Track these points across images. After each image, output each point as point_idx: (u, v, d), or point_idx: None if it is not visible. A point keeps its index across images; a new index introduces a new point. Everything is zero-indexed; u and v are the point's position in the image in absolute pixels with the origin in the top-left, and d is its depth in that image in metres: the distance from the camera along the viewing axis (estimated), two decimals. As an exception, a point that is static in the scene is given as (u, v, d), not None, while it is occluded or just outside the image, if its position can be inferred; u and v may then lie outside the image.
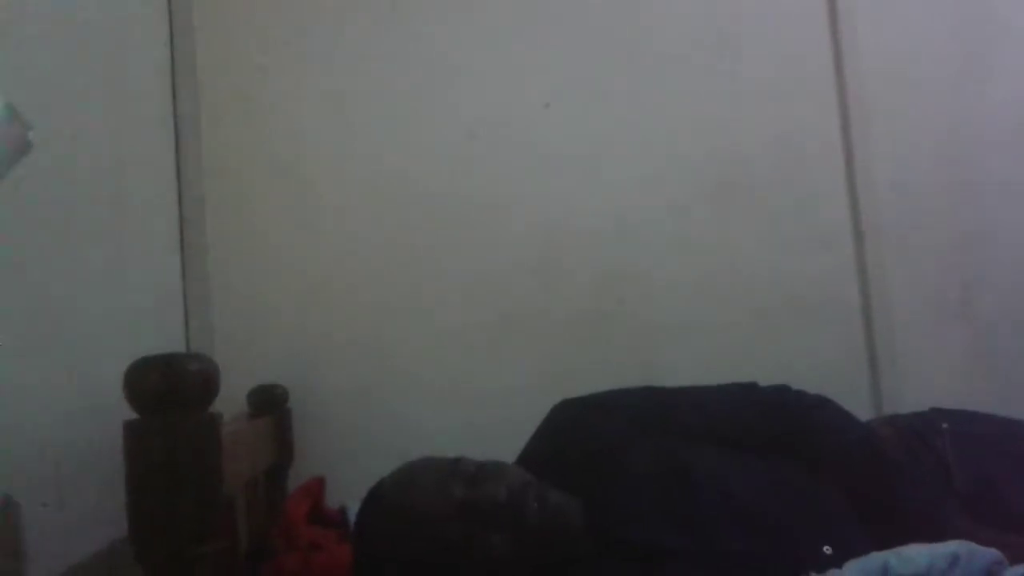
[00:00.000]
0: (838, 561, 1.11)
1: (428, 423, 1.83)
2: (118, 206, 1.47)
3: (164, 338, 1.67)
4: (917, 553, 1.08)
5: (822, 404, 1.42)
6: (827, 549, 1.17)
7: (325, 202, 1.90)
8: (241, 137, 1.89)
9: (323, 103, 1.92)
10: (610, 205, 1.94)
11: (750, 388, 1.46)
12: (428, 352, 1.88)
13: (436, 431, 1.80)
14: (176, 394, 0.81)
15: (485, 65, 1.95)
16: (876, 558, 1.08)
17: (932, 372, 1.93)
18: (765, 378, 1.48)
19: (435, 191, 1.91)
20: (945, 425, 1.43)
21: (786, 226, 1.97)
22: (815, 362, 1.87)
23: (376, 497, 1.24)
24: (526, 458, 1.37)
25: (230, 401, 1.28)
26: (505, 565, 1.16)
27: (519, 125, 1.94)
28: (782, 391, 1.44)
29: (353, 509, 1.31)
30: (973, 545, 1.09)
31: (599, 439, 1.34)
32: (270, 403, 1.71)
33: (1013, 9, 2.08)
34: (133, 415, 0.83)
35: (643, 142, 1.96)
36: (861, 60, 2.01)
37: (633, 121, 1.97)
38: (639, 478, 1.27)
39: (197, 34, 1.87)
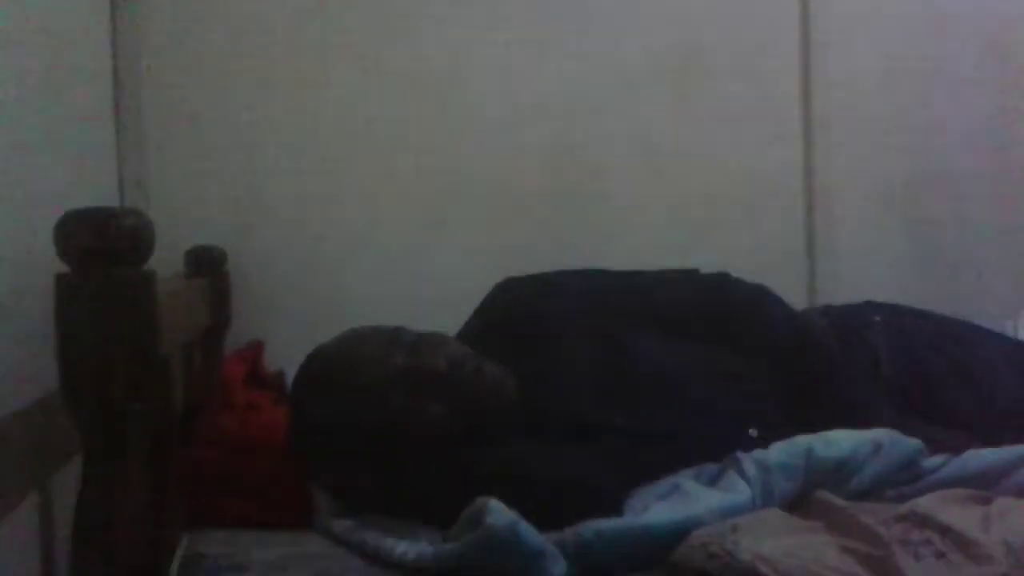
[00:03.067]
0: (764, 443, 1.15)
1: (369, 293, 1.82)
2: (50, 59, 1.39)
3: (96, 196, 1.61)
4: (842, 438, 1.12)
5: (760, 293, 1.45)
6: (753, 432, 1.21)
7: (270, 60, 1.82)
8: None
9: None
10: (566, 83, 1.91)
11: (691, 274, 1.48)
12: (372, 222, 1.86)
13: (377, 301, 1.78)
14: (109, 249, 0.78)
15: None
16: (801, 441, 1.12)
17: (870, 267, 1.98)
18: (707, 264, 1.50)
19: (387, 57, 1.86)
20: (878, 318, 1.46)
21: (738, 116, 1.97)
22: (756, 251, 1.89)
23: (315, 361, 1.24)
24: (467, 333, 1.38)
25: (166, 261, 1.25)
26: (440, 433, 1.18)
27: (479, 2, 1.88)
28: (722, 279, 1.46)
29: (291, 373, 1.31)
30: (897, 434, 1.14)
31: (540, 318, 1.35)
32: (208, 264, 1.68)
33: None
34: (65, 269, 0.80)
35: (603, 22, 1.92)
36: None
37: (590, 3, 1.91)
38: (576, 357, 1.29)
39: None
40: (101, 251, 0.78)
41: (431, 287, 1.83)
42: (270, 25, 1.83)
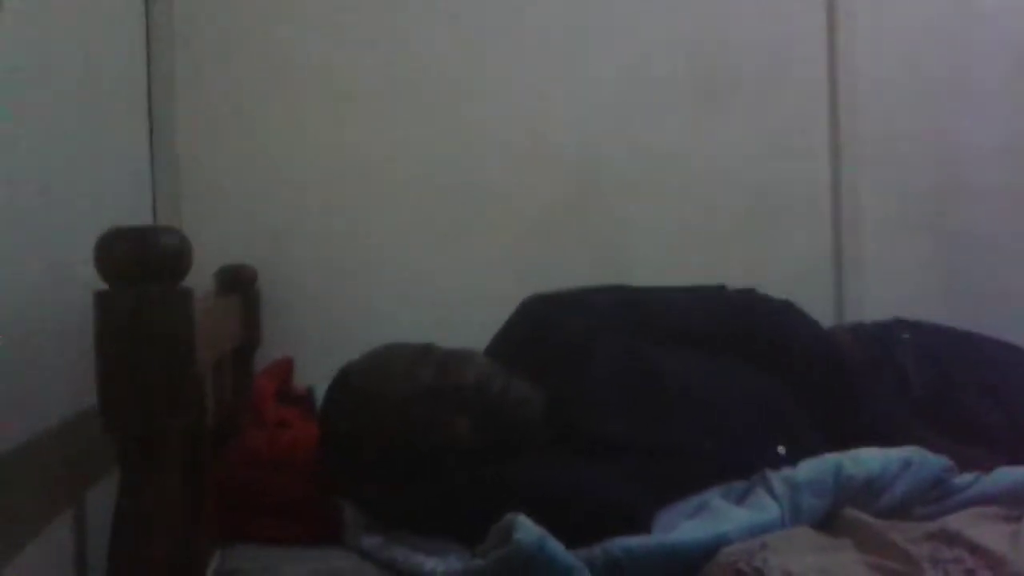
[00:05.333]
0: (792, 461, 1.14)
1: (397, 311, 1.84)
2: (86, 80, 1.42)
3: (130, 214, 1.64)
4: (870, 456, 1.12)
5: (787, 309, 1.44)
6: (781, 449, 1.21)
7: (301, 80, 1.85)
8: (215, 8, 1.82)
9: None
10: (590, 98, 1.92)
11: (717, 291, 1.48)
12: (400, 240, 1.87)
13: (405, 319, 1.81)
14: (148, 266, 0.79)
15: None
16: (830, 459, 1.12)
17: (898, 282, 1.97)
18: (733, 280, 1.50)
19: (413, 77, 1.87)
20: (906, 335, 1.46)
21: (764, 130, 1.97)
22: (783, 267, 1.89)
23: (345, 378, 1.25)
24: (494, 350, 1.39)
25: (198, 280, 1.27)
26: (468, 449, 1.19)
27: (501, 11, 1.90)
28: (748, 295, 1.46)
29: (321, 390, 1.32)
30: (926, 452, 1.13)
31: (567, 335, 1.35)
32: (238, 283, 1.70)
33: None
34: (104, 286, 0.82)
35: (628, 38, 1.93)
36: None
37: (618, 15, 1.93)
38: (604, 374, 1.29)
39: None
40: (140, 268, 0.80)
41: (458, 304, 1.84)
42: (301, 45, 1.85)
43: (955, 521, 1.00)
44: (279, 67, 1.85)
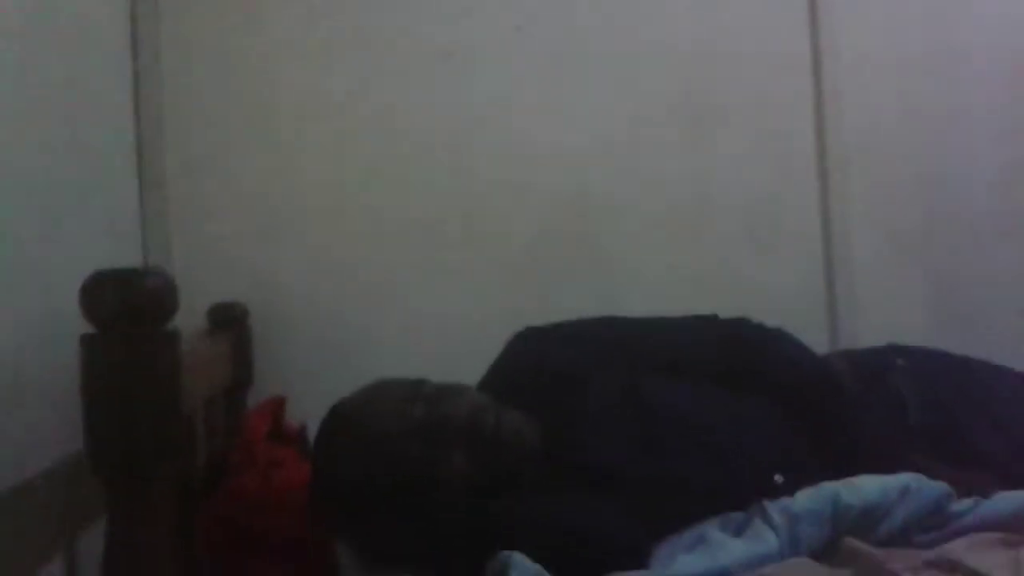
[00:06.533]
0: (789, 490, 1.14)
1: (389, 346, 1.83)
2: (75, 120, 1.42)
3: (121, 253, 1.64)
4: (868, 484, 1.11)
5: (780, 337, 1.44)
6: (778, 478, 1.20)
7: (289, 118, 1.85)
8: (203, 52, 1.83)
9: (289, 23, 1.86)
10: (579, 131, 1.92)
11: (710, 320, 1.47)
12: (391, 274, 1.87)
13: (397, 354, 1.79)
14: (133, 309, 0.79)
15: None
16: (827, 488, 1.11)
17: (890, 309, 1.96)
18: (725, 310, 1.49)
19: (405, 112, 1.88)
20: (901, 361, 1.45)
21: (753, 160, 1.97)
22: (775, 296, 1.88)
23: (337, 415, 1.24)
24: (487, 384, 1.38)
25: (189, 318, 1.27)
26: (462, 484, 1.18)
27: (491, 47, 1.91)
28: (741, 323, 1.46)
29: (314, 428, 1.31)
30: (923, 478, 1.12)
31: (560, 368, 1.34)
32: (230, 320, 1.69)
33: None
34: (90, 330, 0.81)
35: (614, 69, 1.93)
36: (837, 3, 1.99)
37: (605, 47, 1.94)
38: (599, 406, 1.28)
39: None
40: (126, 312, 0.80)
41: (451, 338, 1.83)
42: (292, 82, 1.85)
43: (955, 548, 0.99)
44: (270, 104, 1.85)
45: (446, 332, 1.84)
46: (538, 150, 1.90)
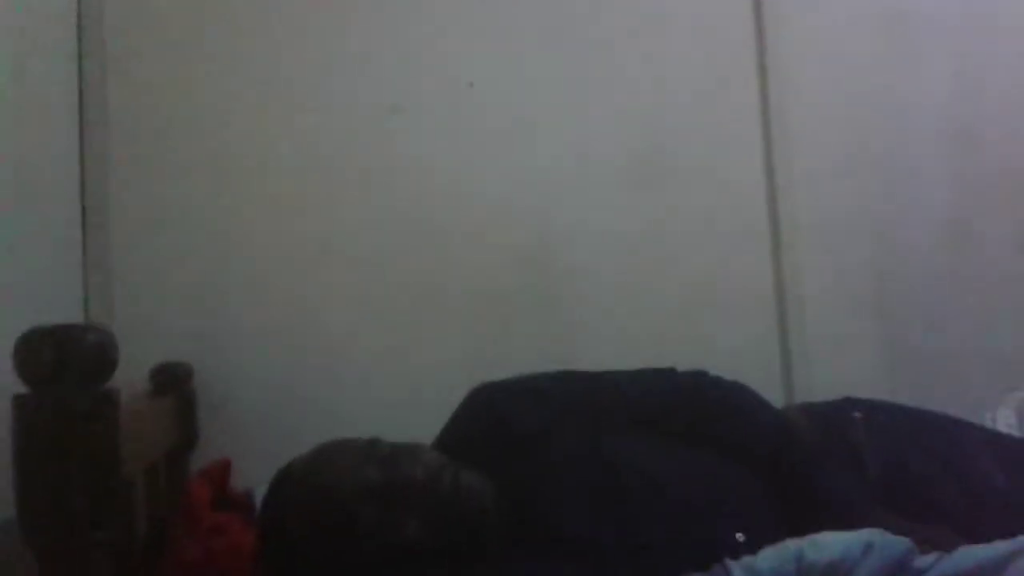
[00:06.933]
0: (752, 548, 1.12)
1: (340, 405, 1.78)
2: (17, 168, 1.38)
3: (61, 311, 1.58)
4: (832, 541, 1.09)
5: (738, 391, 1.43)
6: (740, 536, 1.18)
7: (238, 174, 1.83)
8: (150, 105, 1.80)
9: (239, 74, 1.84)
10: (533, 186, 1.92)
11: (669, 373, 1.46)
12: (342, 332, 1.83)
13: (350, 413, 1.75)
14: (69, 367, 0.75)
15: (410, 42, 1.91)
16: (790, 546, 1.09)
17: (844, 364, 1.97)
18: (682, 362, 1.49)
19: (355, 166, 1.87)
20: (858, 414, 1.45)
21: (704, 216, 1.99)
22: (730, 350, 1.88)
23: (285, 478, 1.19)
24: (443, 442, 1.35)
25: (131, 378, 1.22)
26: (419, 549, 1.13)
27: (443, 102, 1.91)
28: (699, 376, 1.45)
29: (260, 493, 1.26)
30: (887, 534, 1.11)
31: (519, 425, 1.32)
32: (173, 382, 1.64)
33: (938, 10, 2.12)
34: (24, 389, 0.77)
35: (566, 126, 1.95)
36: (783, 59, 2.04)
37: (557, 104, 1.96)
38: (558, 464, 1.25)
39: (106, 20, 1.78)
40: (62, 370, 0.75)
41: (406, 395, 1.80)
42: (243, 142, 1.83)
43: (922, 605, 0.97)
44: (218, 161, 1.82)
45: (400, 390, 1.81)
46: (493, 206, 1.90)
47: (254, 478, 1.46)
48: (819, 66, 2.06)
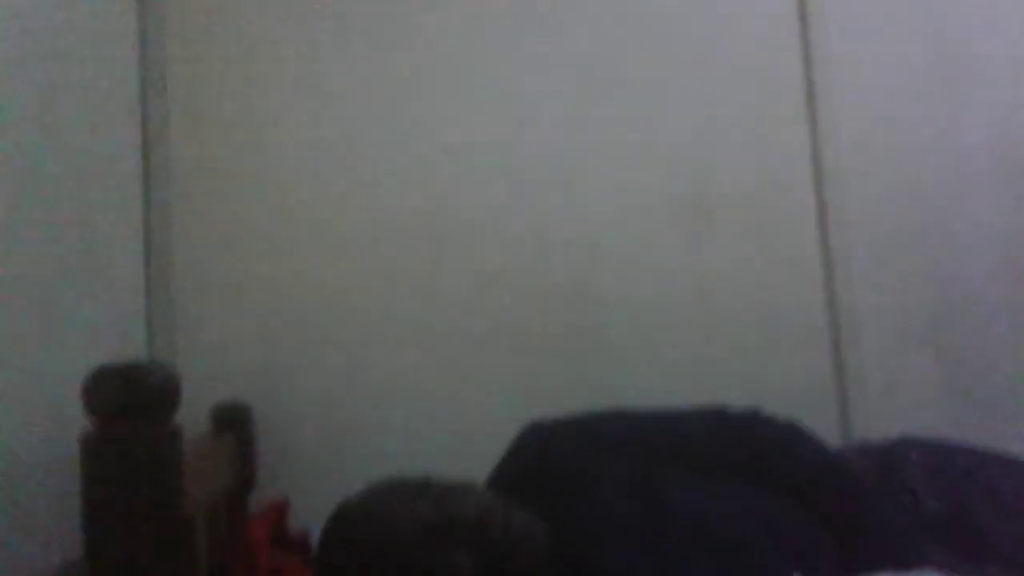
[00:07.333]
0: (809, 588, 1.10)
1: (396, 444, 1.80)
2: (81, 210, 1.44)
3: (126, 350, 1.63)
4: (889, 580, 1.08)
5: (793, 430, 1.42)
6: (797, 576, 1.16)
7: (297, 216, 1.87)
8: (213, 144, 1.86)
9: (297, 118, 1.89)
10: (582, 225, 1.93)
11: (721, 412, 1.45)
12: (398, 372, 1.85)
13: (404, 454, 1.77)
14: (136, 405, 0.78)
15: (461, 83, 1.94)
16: (848, 585, 1.08)
17: (901, 400, 1.94)
18: (735, 402, 1.48)
19: (408, 208, 1.89)
20: (914, 454, 1.43)
21: (756, 253, 1.97)
22: (785, 388, 1.86)
23: (340, 518, 1.21)
24: (494, 480, 1.35)
25: (192, 418, 1.25)
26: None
27: (493, 143, 1.93)
28: (753, 416, 1.44)
29: (318, 532, 1.28)
30: (941, 574, 1.09)
31: (569, 463, 1.32)
32: (233, 421, 1.67)
33: (987, 47, 2.11)
34: (93, 427, 0.80)
35: (616, 164, 1.96)
36: (834, 94, 2.03)
37: (606, 143, 1.97)
38: (610, 503, 1.25)
39: (169, 60, 1.85)
40: (127, 408, 0.78)
41: (457, 435, 1.80)
42: (301, 187, 1.88)
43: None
44: (278, 205, 1.87)
45: (452, 430, 1.82)
46: (541, 246, 1.91)
47: (312, 517, 1.47)
48: (868, 103, 2.05)
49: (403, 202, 1.89)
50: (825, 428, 1.57)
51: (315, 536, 1.32)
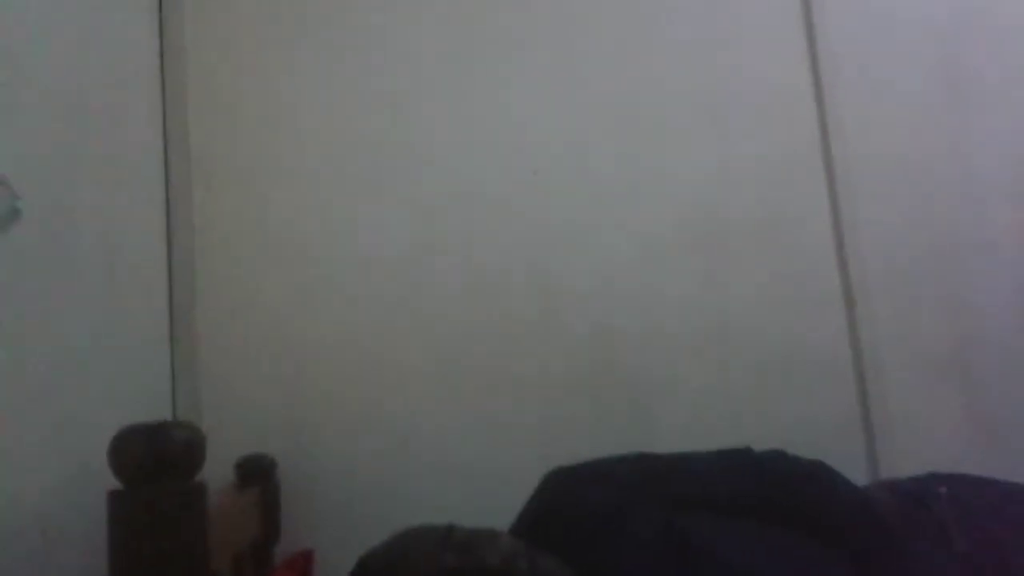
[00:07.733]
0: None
1: (420, 494, 1.80)
2: (107, 271, 1.46)
3: (151, 406, 1.64)
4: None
5: (818, 470, 1.40)
6: (826, 618, 1.15)
7: (318, 271, 1.89)
8: (234, 202, 1.89)
9: (317, 173, 1.92)
10: (601, 267, 1.94)
11: (745, 454, 1.44)
12: (421, 421, 1.85)
13: (429, 501, 1.77)
14: (161, 464, 0.79)
15: (476, 132, 1.97)
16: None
17: (928, 435, 1.92)
18: (759, 441, 1.47)
19: (427, 257, 1.91)
20: (943, 489, 1.41)
21: (776, 290, 1.98)
22: (810, 426, 1.85)
23: (365, 568, 1.21)
24: (519, 527, 1.35)
25: (217, 471, 1.26)
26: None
27: (508, 191, 1.96)
28: (777, 457, 1.43)
29: (342, 583, 1.27)
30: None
31: (594, 508, 1.31)
32: (258, 473, 1.68)
33: (1000, 76, 2.12)
34: (119, 485, 0.81)
35: (632, 207, 1.97)
36: (848, 127, 2.04)
37: (621, 187, 1.98)
38: (636, 548, 1.24)
39: (191, 114, 1.89)
40: (153, 466, 0.79)
41: (482, 485, 1.80)
42: (320, 239, 1.90)
43: None
44: (301, 257, 1.89)
45: (476, 479, 1.82)
46: (561, 290, 1.92)
47: (337, 568, 1.47)
48: (883, 131, 2.06)
49: (422, 253, 1.91)
50: (853, 467, 1.55)
51: (341, 587, 1.31)
